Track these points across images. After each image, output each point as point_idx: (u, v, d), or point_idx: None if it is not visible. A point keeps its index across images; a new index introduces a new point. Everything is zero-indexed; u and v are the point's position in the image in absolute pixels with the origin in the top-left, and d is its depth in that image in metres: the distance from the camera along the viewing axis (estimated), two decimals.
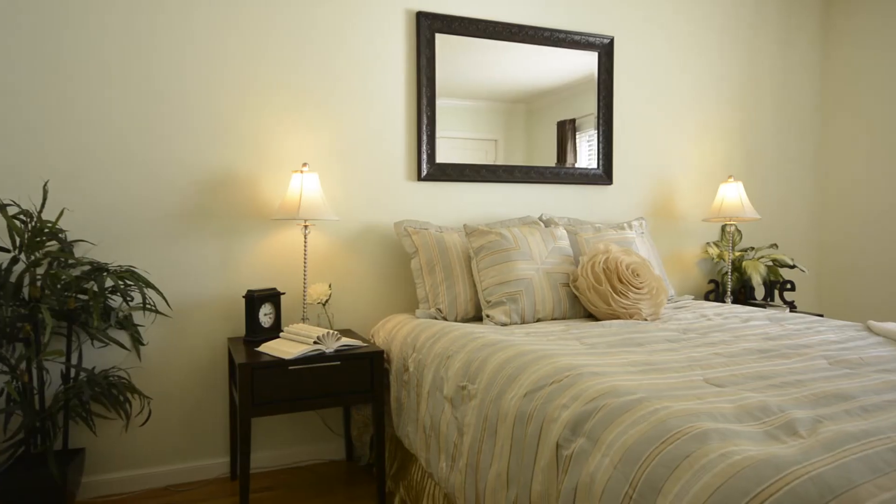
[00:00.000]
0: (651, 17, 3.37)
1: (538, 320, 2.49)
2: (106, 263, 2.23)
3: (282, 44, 2.63)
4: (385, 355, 2.44)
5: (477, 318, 2.58)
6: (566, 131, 3.26)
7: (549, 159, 3.19)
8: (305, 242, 2.52)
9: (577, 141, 3.26)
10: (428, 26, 2.84)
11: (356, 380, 2.25)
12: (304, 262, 2.52)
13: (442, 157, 2.94)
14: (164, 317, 2.48)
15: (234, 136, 2.57)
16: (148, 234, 2.46)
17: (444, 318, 2.53)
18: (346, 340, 2.30)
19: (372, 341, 2.65)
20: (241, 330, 2.61)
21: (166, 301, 2.30)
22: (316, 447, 2.76)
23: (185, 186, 2.51)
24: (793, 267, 3.35)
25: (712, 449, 1.10)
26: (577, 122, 3.26)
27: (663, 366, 1.64)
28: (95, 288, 2.10)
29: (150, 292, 2.40)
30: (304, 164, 2.49)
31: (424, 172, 2.89)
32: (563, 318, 2.53)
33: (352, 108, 2.76)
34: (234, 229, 2.59)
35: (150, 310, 2.27)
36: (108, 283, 2.23)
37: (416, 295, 2.78)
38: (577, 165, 3.23)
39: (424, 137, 2.87)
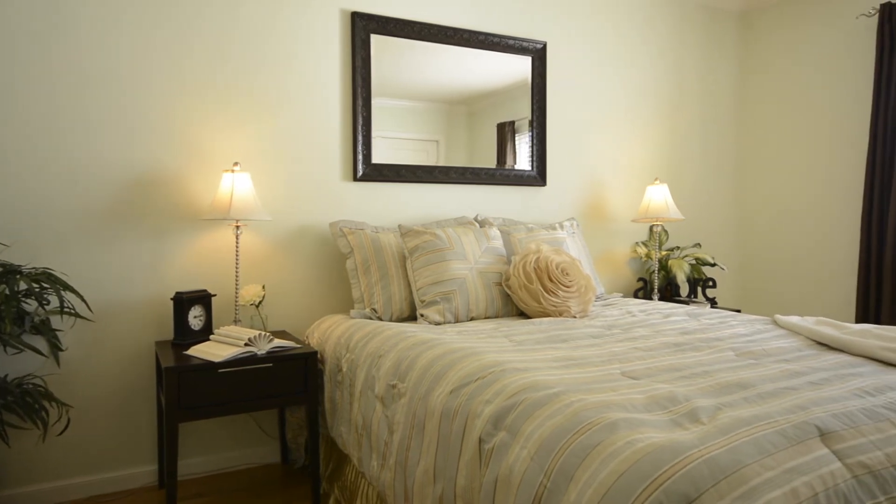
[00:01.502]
0: (582, 26, 3.49)
1: (472, 319, 2.54)
2: (19, 265, 2.13)
3: (211, 40, 2.57)
4: (319, 356, 2.44)
5: (412, 317, 2.61)
6: (506, 133, 3.34)
7: (489, 160, 3.25)
8: (237, 243, 2.48)
9: (517, 142, 3.34)
10: (363, 27, 2.84)
11: (290, 381, 2.24)
12: (237, 263, 2.48)
13: (383, 158, 2.96)
14: (87, 321, 2.39)
15: (162, 134, 2.50)
16: (68, 235, 2.36)
17: (379, 318, 2.55)
18: (279, 342, 2.27)
19: (307, 342, 2.63)
20: (170, 334, 2.54)
21: (87, 304, 2.22)
22: (250, 451, 2.72)
23: (109, 185, 2.42)
24: (713, 265, 3.53)
25: (620, 437, 1.16)
26: (515, 124, 3.34)
27: (584, 361, 1.71)
28: (7, 291, 2.00)
29: (68, 295, 2.30)
30: (236, 164, 2.45)
31: (360, 173, 2.89)
32: (496, 317, 2.59)
33: (286, 107, 2.73)
34: (162, 230, 2.52)
35: (69, 313, 2.19)
36: (22, 285, 2.13)
37: (351, 295, 2.78)
38: (515, 167, 3.31)
39: (360, 138, 2.88)
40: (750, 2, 3.98)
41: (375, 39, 2.89)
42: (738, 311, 3.41)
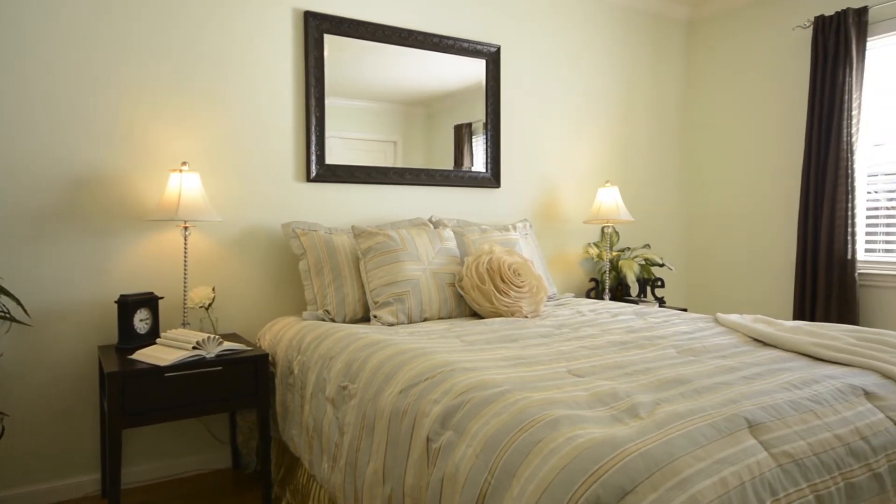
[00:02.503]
0: (535, 31, 3.55)
1: (425, 320, 2.55)
2: None
3: (158, 35, 2.51)
4: (271, 358, 2.41)
5: (365, 318, 2.60)
6: (463, 135, 3.37)
7: (447, 161, 3.28)
8: (186, 244, 2.43)
9: (474, 144, 3.37)
10: (316, 26, 2.82)
11: (240, 385, 2.20)
12: (185, 265, 2.43)
13: (341, 158, 2.94)
14: (23, 325, 2.29)
15: (107, 131, 2.43)
16: (4, 236, 2.26)
17: (333, 320, 2.53)
18: (228, 345, 2.24)
19: (258, 345, 2.60)
20: (114, 338, 2.47)
21: (23, 308, 2.13)
22: (200, 456, 2.66)
23: (49, 184, 2.33)
24: (662, 265, 3.65)
25: (562, 434, 1.20)
26: (472, 126, 3.37)
27: (532, 360, 1.75)
28: None
29: (3, 298, 2.21)
30: (184, 163, 2.40)
31: (314, 174, 2.87)
32: (450, 318, 2.61)
33: (238, 107, 2.69)
34: (106, 230, 2.44)
35: (4, 317, 2.10)
36: None
37: (304, 297, 2.76)
38: (472, 168, 3.34)
39: (314, 138, 2.85)
40: (695, 11, 4.12)
41: (330, 39, 2.87)
42: (685, 309, 3.53)
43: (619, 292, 3.73)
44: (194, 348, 2.13)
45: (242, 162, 2.71)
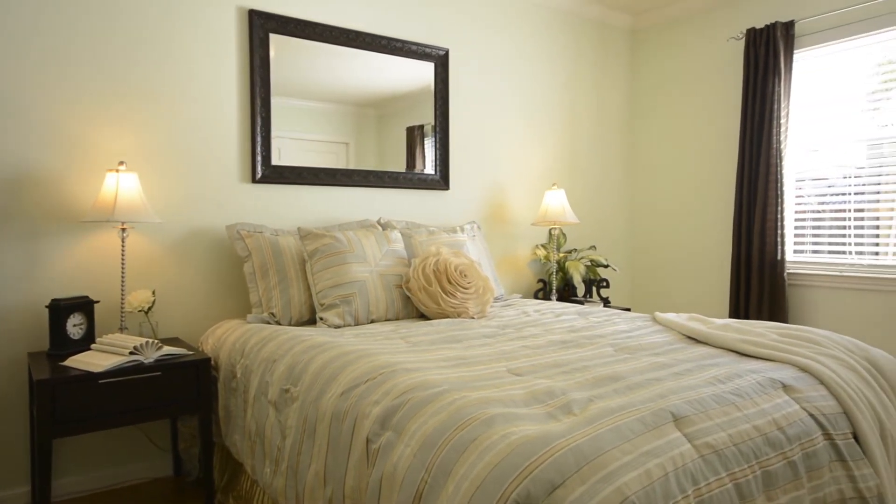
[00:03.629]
0: (484, 35, 3.60)
1: (372, 321, 2.55)
2: None
3: (97, 30, 2.43)
4: (213, 362, 2.36)
5: (312, 321, 2.58)
6: (415, 137, 3.38)
7: (399, 163, 3.29)
8: (123, 246, 2.36)
9: (426, 146, 3.39)
10: (261, 26, 2.79)
11: (181, 390, 2.16)
12: (123, 268, 2.35)
13: (292, 159, 2.92)
14: None
15: (40, 129, 2.33)
16: None
17: (278, 323, 2.50)
18: (168, 349, 2.18)
19: (201, 349, 2.54)
20: (46, 344, 2.37)
21: None
22: (140, 465, 2.59)
23: None
24: (607, 266, 3.75)
25: (496, 431, 1.23)
26: (424, 128, 3.39)
27: (474, 360, 1.78)
28: None
29: None
30: (122, 163, 2.32)
31: (259, 175, 2.83)
32: (397, 319, 2.62)
33: (179, 105, 2.63)
34: (37, 232, 2.34)
35: None
36: None
37: (249, 300, 2.71)
38: (424, 171, 3.37)
39: (259, 139, 2.81)
40: (638, 21, 4.26)
41: (277, 39, 2.84)
42: (629, 309, 3.64)
43: (566, 293, 3.81)
44: (131, 353, 2.07)
45: (185, 162, 2.65)
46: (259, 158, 2.82)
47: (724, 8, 3.76)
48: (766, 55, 3.38)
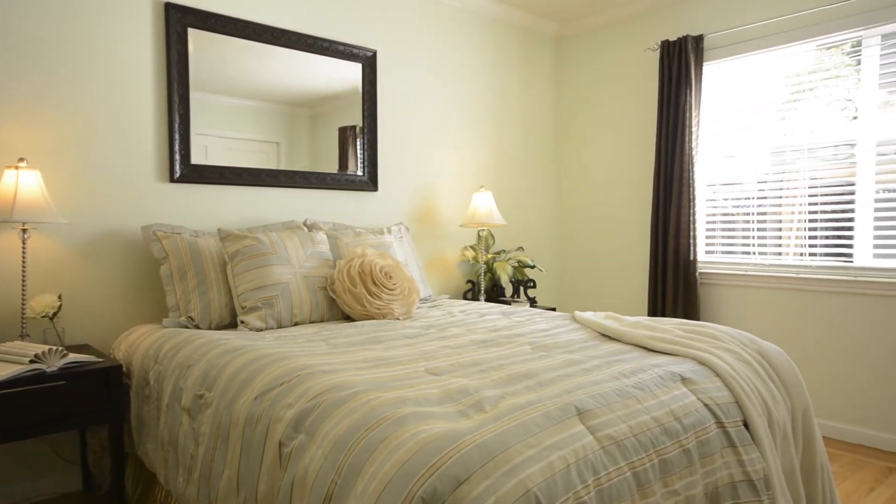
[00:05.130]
0: (412, 37, 3.62)
1: (296, 324, 2.52)
2: None
3: None
4: (125, 369, 2.27)
5: (233, 324, 2.52)
6: (347, 137, 3.35)
7: (333, 164, 3.26)
8: (24, 248, 2.22)
9: (358, 147, 3.38)
10: (178, 20, 2.70)
11: (90, 399, 2.06)
12: (23, 271, 2.22)
13: (219, 159, 2.84)
14: None
15: None
16: None
17: (197, 327, 2.43)
18: (74, 357, 2.08)
19: (112, 356, 2.43)
20: None
21: None
22: (47, 481, 2.44)
23: None
24: (533, 267, 3.85)
25: (407, 430, 1.24)
26: (357, 128, 3.37)
27: (394, 360, 1.79)
28: None
29: None
30: (21, 160, 2.19)
31: (178, 174, 2.73)
32: (321, 321, 2.60)
33: (90, 100, 2.50)
34: None
35: None
36: None
37: (166, 303, 2.62)
38: (357, 172, 3.35)
39: (177, 137, 2.72)
40: (562, 29, 4.40)
41: (197, 34, 2.75)
42: (554, 308, 3.75)
43: (495, 293, 3.88)
44: (32, 362, 1.96)
45: (96, 161, 2.53)
46: (177, 157, 2.73)
47: (642, 20, 3.94)
48: (679, 66, 3.57)
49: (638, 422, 1.42)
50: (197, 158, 2.80)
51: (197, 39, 2.76)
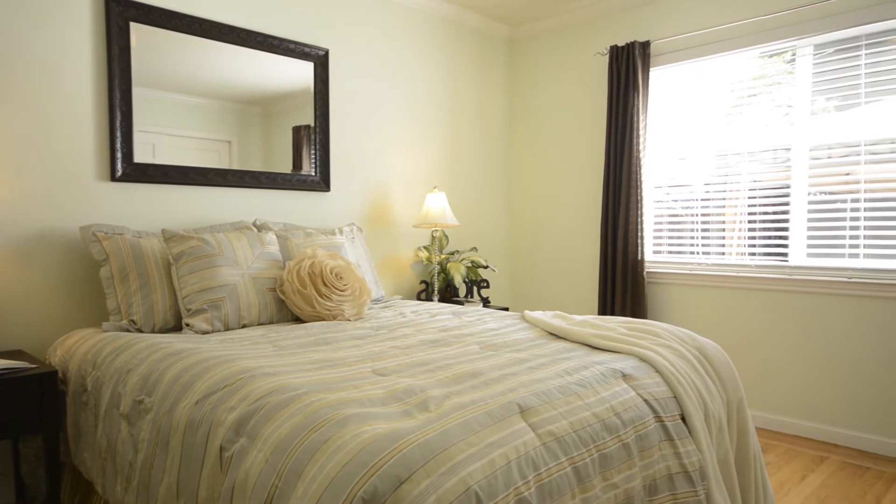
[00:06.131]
0: (365, 37, 3.60)
1: (244, 326, 2.47)
2: None
3: None
4: (61, 375, 2.18)
5: (178, 327, 2.46)
6: (301, 137, 3.31)
7: (286, 163, 3.22)
8: None
9: (312, 147, 3.34)
10: (120, 13, 2.61)
11: (21, 407, 1.97)
12: None
13: (166, 157, 2.77)
14: None
15: None
16: None
17: (139, 330, 2.36)
18: (5, 363, 1.99)
19: (47, 361, 2.34)
20: None
21: None
22: None
23: None
24: (486, 267, 3.89)
25: (349, 431, 1.24)
26: (311, 128, 3.33)
27: (341, 361, 1.78)
28: None
29: None
30: None
31: (119, 172, 2.64)
32: (270, 323, 2.56)
33: (23, 96, 2.39)
34: None
35: None
36: None
37: (107, 307, 2.53)
38: (311, 172, 3.31)
39: (119, 134, 2.63)
40: (515, 32, 4.46)
41: (142, 29, 2.67)
42: (507, 308, 3.80)
43: (448, 293, 3.90)
44: None
45: (31, 158, 2.42)
46: (119, 155, 2.64)
47: (592, 25, 4.03)
48: (627, 71, 3.67)
49: (579, 418, 1.45)
50: (144, 157, 2.72)
51: (141, 34, 2.68)
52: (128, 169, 2.67)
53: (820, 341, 3.12)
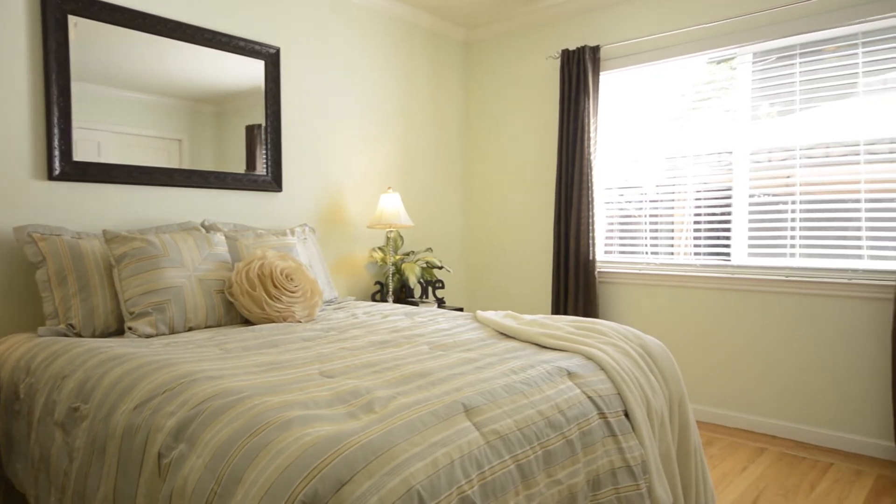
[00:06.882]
0: (317, 36, 3.56)
1: (190, 329, 2.41)
2: None
3: None
4: None
5: (120, 331, 2.38)
6: (255, 136, 3.24)
7: (240, 163, 3.16)
8: None
9: (263, 146, 3.29)
10: (57, 6, 2.51)
11: None
12: None
13: (112, 155, 2.68)
14: None
15: None
16: None
17: (78, 335, 2.27)
18: None
19: None
20: None
21: None
22: None
23: None
24: (441, 268, 3.90)
25: (291, 434, 1.23)
26: (264, 127, 3.27)
27: (287, 364, 1.76)
28: None
29: None
30: None
31: (57, 171, 2.54)
32: (218, 326, 2.50)
33: None
34: None
35: None
36: None
37: (43, 311, 2.43)
38: (257, 172, 3.25)
39: (56, 131, 2.53)
40: (471, 34, 4.49)
41: (81, 22, 2.58)
42: (461, 309, 3.82)
43: (403, 294, 3.90)
44: None
45: None
46: (57, 153, 2.54)
47: (545, 29, 4.09)
48: (578, 74, 3.74)
49: (523, 416, 1.47)
50: (87, 155, 2.62)
51: (82, 28, 2.59)
52: (66, 167, 2.57)
53: (760, 338, 3.25)
